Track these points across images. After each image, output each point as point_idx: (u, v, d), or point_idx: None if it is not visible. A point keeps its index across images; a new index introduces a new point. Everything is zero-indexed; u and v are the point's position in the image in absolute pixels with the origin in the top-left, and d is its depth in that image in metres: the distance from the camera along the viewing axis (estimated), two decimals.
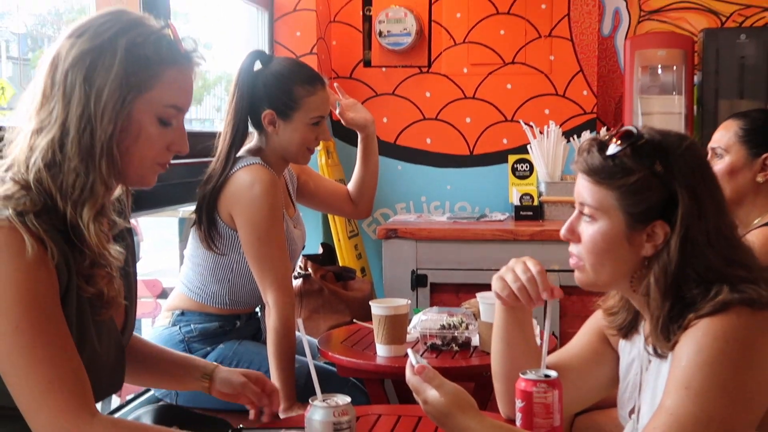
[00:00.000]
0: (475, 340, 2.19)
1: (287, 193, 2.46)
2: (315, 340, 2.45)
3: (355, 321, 2.54)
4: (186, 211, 3.78)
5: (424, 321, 2.24)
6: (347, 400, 1.37)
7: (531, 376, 1.37)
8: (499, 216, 3.77)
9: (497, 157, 4.02)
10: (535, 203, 3.66)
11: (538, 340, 2.25)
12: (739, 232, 2.18)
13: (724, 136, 2.22)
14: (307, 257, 3.04)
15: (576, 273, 1.41)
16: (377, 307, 2.12)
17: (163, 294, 5.26)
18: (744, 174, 2.18)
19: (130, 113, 1.31)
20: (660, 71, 3.80)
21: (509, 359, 1.52)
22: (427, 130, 4.10)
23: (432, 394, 1.32)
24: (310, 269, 2.98)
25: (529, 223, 3.53)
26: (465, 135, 4.08)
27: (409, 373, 1.36)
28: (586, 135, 3.75)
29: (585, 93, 3.97)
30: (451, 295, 3.37)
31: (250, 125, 2.33)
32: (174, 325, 2.31)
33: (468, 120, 4.07)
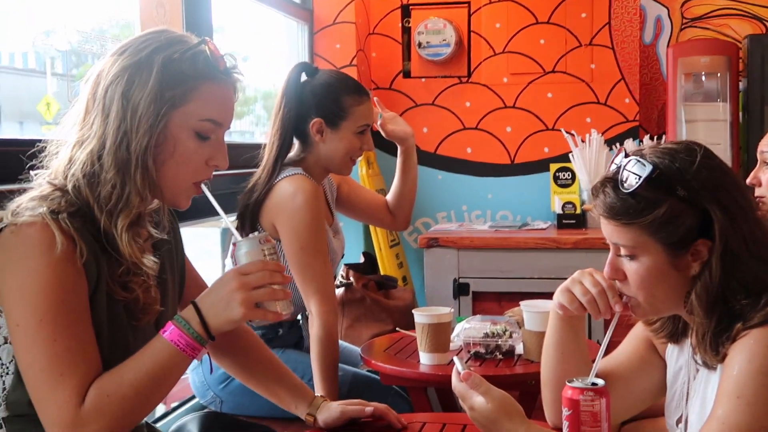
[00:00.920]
0: (519, 349, 2.18)
1: (326, 202, 2.48)
2: (358, 349, 2.46)
3: (398, 329, 2.55)
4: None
5: (467, 329, 2.23)
6: (265, 233, 1.42)
7: (578, 384, 1.35)
8: (542, 224, 3.75)
9: (539, 166, 4.00)
10: (578, 211, 3.63)
11: None
12: None
13: None
14: (349, 266, 3.05)
15: (632, 311, 1.39)
16: (420, 316, 2.12)
17: None
18: None
19: (167, 127, 1.34)
20: (704, 78, 3.76)
21: (562, 368, 1.51)
22: (468, 140, 4.10)
23: (479, 400, 1.31)
24: (352, 278, 2.99)
25: (572, 232, 3.51)
26: (506, 144, 4.07)
27: (455, 380, 1.36)
28: (629, 143, 3.72)
29: (627, 101, 3.94)
30: (493, 303, 3.35)
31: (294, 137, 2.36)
32: None
33: (508, 129, 4.06)
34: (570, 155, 3.71)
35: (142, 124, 1.32)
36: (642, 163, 1.30)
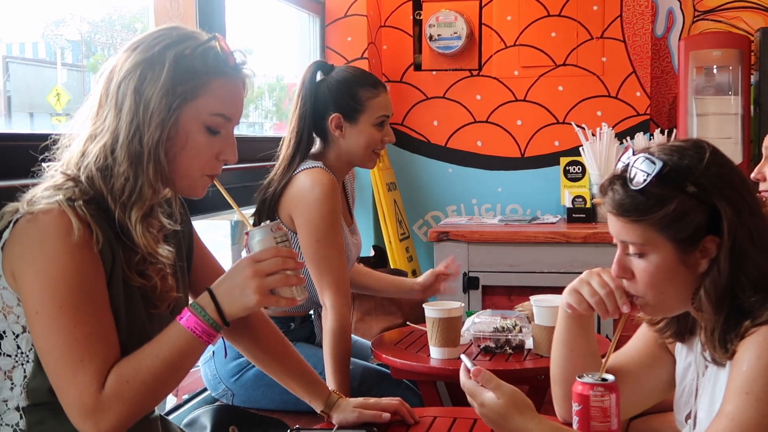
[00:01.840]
0: (529, 343, 2.19)
1: (345, 202, 2.49)
2: (368, 342, 2.46)
3: (408, 323, 2.56)
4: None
5: (477, 324, 2.24)
6: (277, 221, 1.41)
7: (588, 379, 1.36)
8: (551, 218, 3.75)
9: (549, 160, 4.00)
10: (588, 205, 3.63)
11: None
12: None
13: None
14: (360, 259, 3.06)
15: (641, 310, 1.39)
16: (431, 310, 2.12)
17: None
18: None
19: (178, 121, 1.36)
20: (715, 71, 3.75)
21: (571, 364, 1.51)
22: (478, 133, 4.10)
23: (489, 396, 1.32)
24: None
25: (581, 226, 3.51)
26: (516, 137, 4.06)
27: (464, 377, 1.37)
28: (640, 137, 3.71)
29: (638, 94, 3.93)
30: (503, 297, 3.36)
31: (314, 134, 2.37)
32: None
33: (519, 122, 4.05)
34: (580, 149, 3.71)
35: (155, 118, 1.34)
36: (651, 160, 1.30)
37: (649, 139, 3.73)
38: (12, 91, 2.33)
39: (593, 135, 3.67)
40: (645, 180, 1.29)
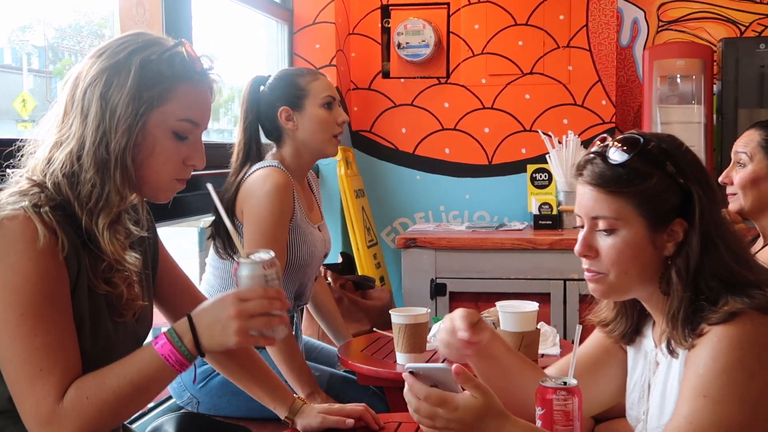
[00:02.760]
0: None
1: (313, 199, 2.49)
2: (335, 349, 2.46)
3: (375, 330, 2.56)
4: (207, 221, 3.81)
5: None
6: (271, 254, 1.36)
7: (551, 384, 1.37)
8: (518, 225, 3.77)
9: (516, 167, 4.03)
10: (554, 212, 3.66)
11: (557, 349, 2.25)
12: (762, 240, 2.20)
13: (748, 145, 2.21)
14: (327, 266, 3.06)
15: (594, 285, 1.39)
16: (397, 316, 2.13)
17: None
18: (767, 183, 2.17)
19: (145, 127, 1.36)
20: (679, 81, 3.80)
21: (513, 388, 1.49)
22: (446, 140, 4.12)
23: (464, 397, 1.24)
24: (329, 278, 2.99)
25: (548, 233, 3.54)
26: (483, 145, 4.09)
27: (421, 388, 1.25)
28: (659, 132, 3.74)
29: (604, 102, 3.97)
30: (470, 304, 3.37)
31: (267, 139, 2.40)
32: None
33: (486, 130, 4.08)
34: (547, 156, 3.74)
35: (121, 125, 1.33)
36: (633, 138, 1.34)
37: None
38: None
39: (559, 143, 3.70)
40: (627, 155, 1.32)
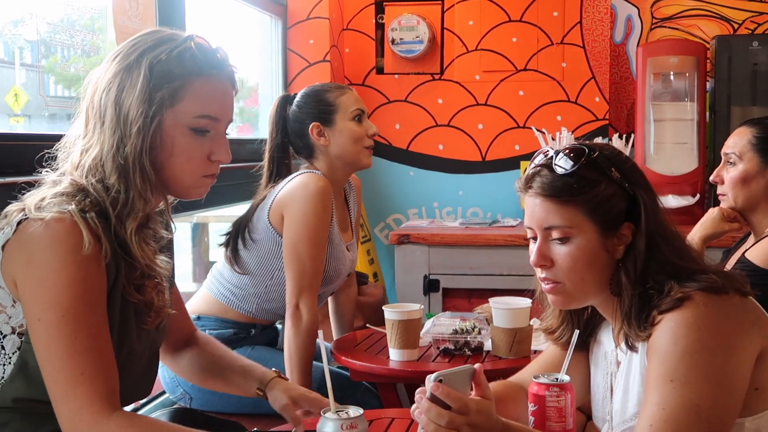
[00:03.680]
0: (488, 345, 2.20)
1: (347, 215, 2.51)
2: (329, 345, 2.47)
3: (368, 326, 2.56)
4: (201, 216, 3.81)
5: (437, 326, 2.25)
6: (360, 412, 1.34)
7: (543, 380, 1.38)
8: (512, 222, 3.78)
9: (509, 163, 4.04)
10: None
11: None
12: (753, 238, 2.21)
13: (738, 143, 2.22)
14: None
15: (553, 297, 1.42)
16: (390, 312, 2.13)
17: None
18: (757, 181, 2.19)
19: (160, 128, 1.35)
20: (672, 78, 3.81)
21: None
22: (440, 137, 4.12)
23: (477, 400, 1.26)
24: None
25: None
26: (477, 141, 4.09)
27: (450, 393, 1.23)
28: (598, 141, 3.75)
29: (597, 99, 3.98)
30: (463, 300, 3.38)
31: (299, 158, 2.45)
32: None
33: (480, 126, 4.08)
34: None
35: (134, 128, 1.32)
36: (577, 149, 1.37)
37: (608, 143, 3.78)
38: None
39: (553, 139, 3.70)
40: (574, 164, 1.35)
